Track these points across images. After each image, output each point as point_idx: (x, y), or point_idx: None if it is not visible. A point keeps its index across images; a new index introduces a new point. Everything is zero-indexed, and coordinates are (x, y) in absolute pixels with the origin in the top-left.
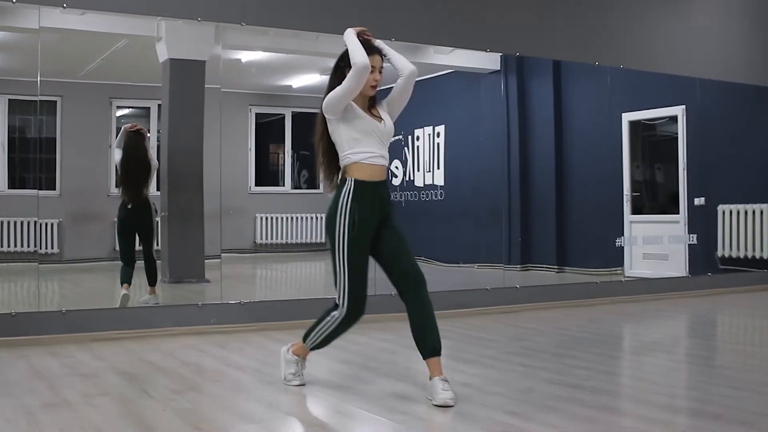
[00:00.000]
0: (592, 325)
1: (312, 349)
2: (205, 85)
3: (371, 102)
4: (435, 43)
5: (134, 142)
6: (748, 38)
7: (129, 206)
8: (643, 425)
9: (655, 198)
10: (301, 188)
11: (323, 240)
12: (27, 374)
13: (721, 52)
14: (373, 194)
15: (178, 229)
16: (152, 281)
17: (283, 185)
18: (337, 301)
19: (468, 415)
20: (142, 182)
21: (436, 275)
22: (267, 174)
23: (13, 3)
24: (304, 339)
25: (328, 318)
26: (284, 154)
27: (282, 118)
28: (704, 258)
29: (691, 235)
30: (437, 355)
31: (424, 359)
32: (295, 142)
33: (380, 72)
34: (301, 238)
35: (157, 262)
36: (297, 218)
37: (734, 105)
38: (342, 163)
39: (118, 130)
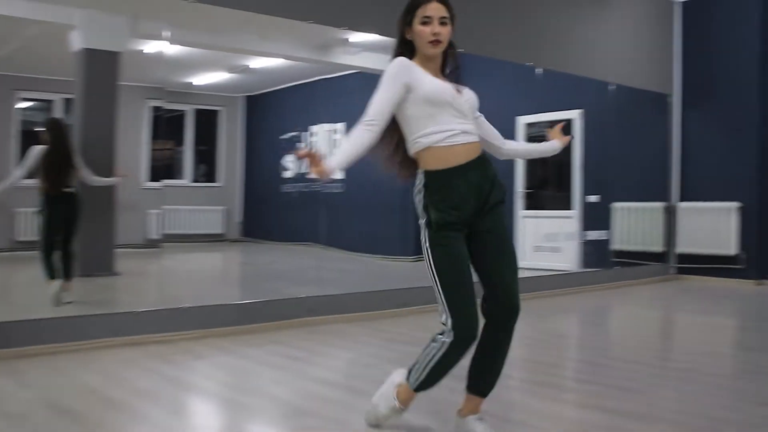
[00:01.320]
0: (542, 324)
1: (417, 389)
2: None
3: (444, 66)
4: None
5: (58, 132)
6: (649, 47)
7: (56, 196)
8: None
9: (548, 195)
10: (198, 182)
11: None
12: None
13: (626, 58)
14: (458, 182)
15: (90, 222)
16: (70, 275)
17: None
18: (442, 322)
19: None
20: (67, 172)
21: (341, 264)
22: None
23: None
24: (408, 376)
25: (434, 344)
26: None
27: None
28: (598, 252)
29: (591, 232)
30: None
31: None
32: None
33: (442, 23)
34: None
35: None
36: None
37: (629, 109)
38: (411, 151)
39: (21, 123)
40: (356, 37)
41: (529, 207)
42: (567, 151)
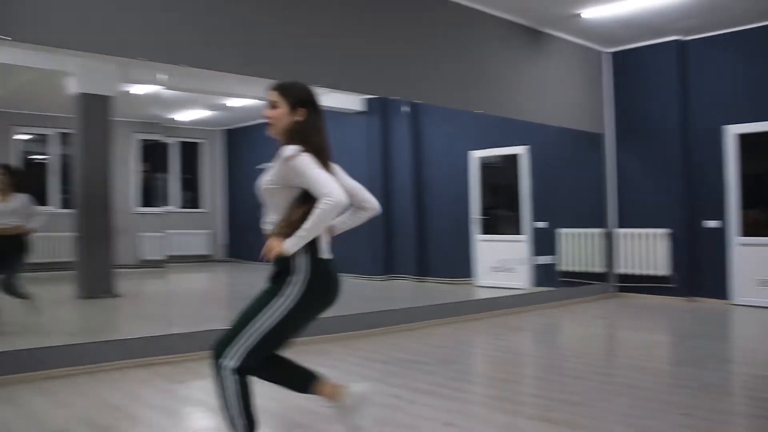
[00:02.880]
0: (499, 342)
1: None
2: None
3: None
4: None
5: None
6: (582, 92)
7: None
8: None
9: (501, 221)
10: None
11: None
12: None
13: (563, 104)
14: None
15: (89, 248)
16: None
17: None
18: None
19: None
20: None
21: None
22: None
23: None
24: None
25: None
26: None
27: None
28: (546, 273)
29: (543, 257)
30: None
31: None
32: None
33: (272, 106)
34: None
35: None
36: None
37: (568, 146)
38: None
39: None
40: None
41: (484, 231)
42: (516, 181)
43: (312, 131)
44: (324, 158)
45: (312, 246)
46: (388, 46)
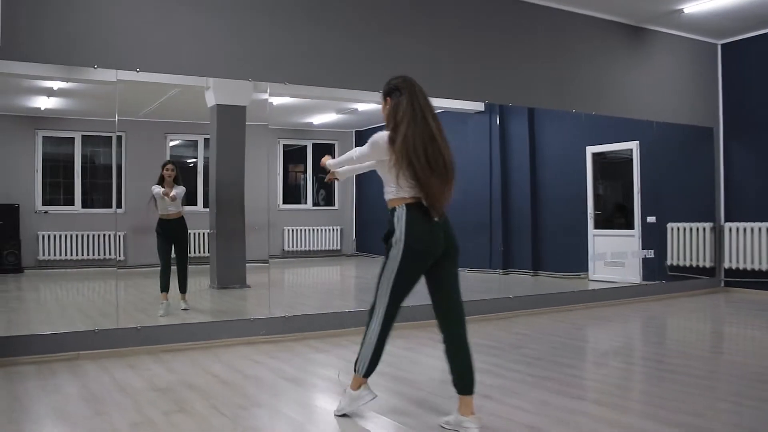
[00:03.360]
0: (577, 331)
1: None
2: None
3: None
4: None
5: None
6: (692, 86)
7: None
8: None
9: (614, 216)
10: (319, 205)
11: (338, 247)
12: (111, 389)
13: (671, 99)
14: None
15: (224, 243)
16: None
17: (305, 203)
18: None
19: (495, 430)
20: None
21: None
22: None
23: (95, 68)
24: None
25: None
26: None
27: (304, 147)
28: (656, 266)
29: (648, 250)
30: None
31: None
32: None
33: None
34: (321, 246)
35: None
36: (317, 230)
37: (678, 141)
38: None
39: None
40: None
41: (598, 226)
42: (628, 177)
43: (392, 115)
44: None
45: (409, 210)
46: (499, 56)
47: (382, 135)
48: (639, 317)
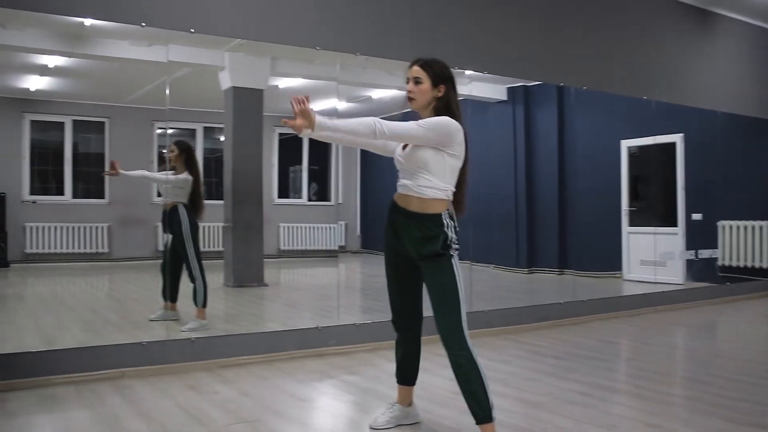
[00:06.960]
0: (669, 338)
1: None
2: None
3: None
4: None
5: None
6: (753, 75)
7: None
8: None
9: (653, 212)
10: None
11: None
12: (185, 420)
13: (733, 88)
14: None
15: (241, 238)
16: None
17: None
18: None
19: None
20: None
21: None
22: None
23: (142, 26)
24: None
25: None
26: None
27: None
28: (704, 267)
29: (709, 250)
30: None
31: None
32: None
33: (415, 82)
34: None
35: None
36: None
37: (729, 133)
38: None
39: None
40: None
41: (633, 224)
42: (671, 171)
43: (453, 106)
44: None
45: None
46: (558, 34)
47: (455, 122)
48: (729, 322)
